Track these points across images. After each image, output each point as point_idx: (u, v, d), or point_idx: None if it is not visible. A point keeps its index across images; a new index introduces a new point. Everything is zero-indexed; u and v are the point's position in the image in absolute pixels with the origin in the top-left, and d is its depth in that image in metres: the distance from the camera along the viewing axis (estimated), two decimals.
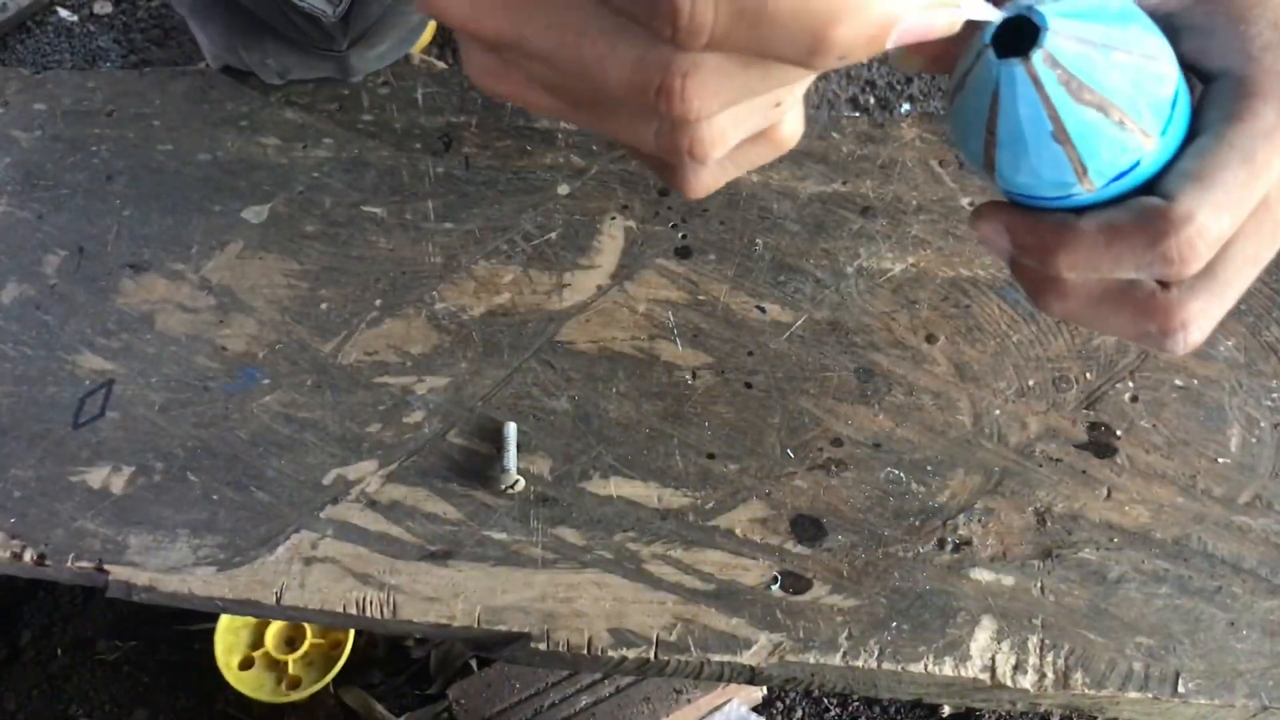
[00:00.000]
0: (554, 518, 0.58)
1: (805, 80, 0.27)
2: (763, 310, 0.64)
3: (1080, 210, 0.31)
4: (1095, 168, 0.29)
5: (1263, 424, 0.58)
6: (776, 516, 0.57)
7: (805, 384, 0.61)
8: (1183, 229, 0.29)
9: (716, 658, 0.53)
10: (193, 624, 0.92)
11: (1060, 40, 0.28)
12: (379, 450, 0.60)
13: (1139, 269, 0.30)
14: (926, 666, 0.52)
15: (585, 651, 0.54)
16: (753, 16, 0.21)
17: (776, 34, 0.22)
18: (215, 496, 0.59)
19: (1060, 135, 0.29)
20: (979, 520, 0.56)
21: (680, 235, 0.67)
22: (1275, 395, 0.59)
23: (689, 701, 0.81)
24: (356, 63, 0.73)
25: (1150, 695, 0.51)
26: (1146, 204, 0.30)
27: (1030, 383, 0.60)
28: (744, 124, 0.27)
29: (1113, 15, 0.29)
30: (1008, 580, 0.55)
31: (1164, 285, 0.32)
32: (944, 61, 0.31)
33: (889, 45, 0.23)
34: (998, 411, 0.60)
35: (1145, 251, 0.30)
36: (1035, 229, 0.32)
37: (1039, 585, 0.54)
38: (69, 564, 0.58)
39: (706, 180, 0.29)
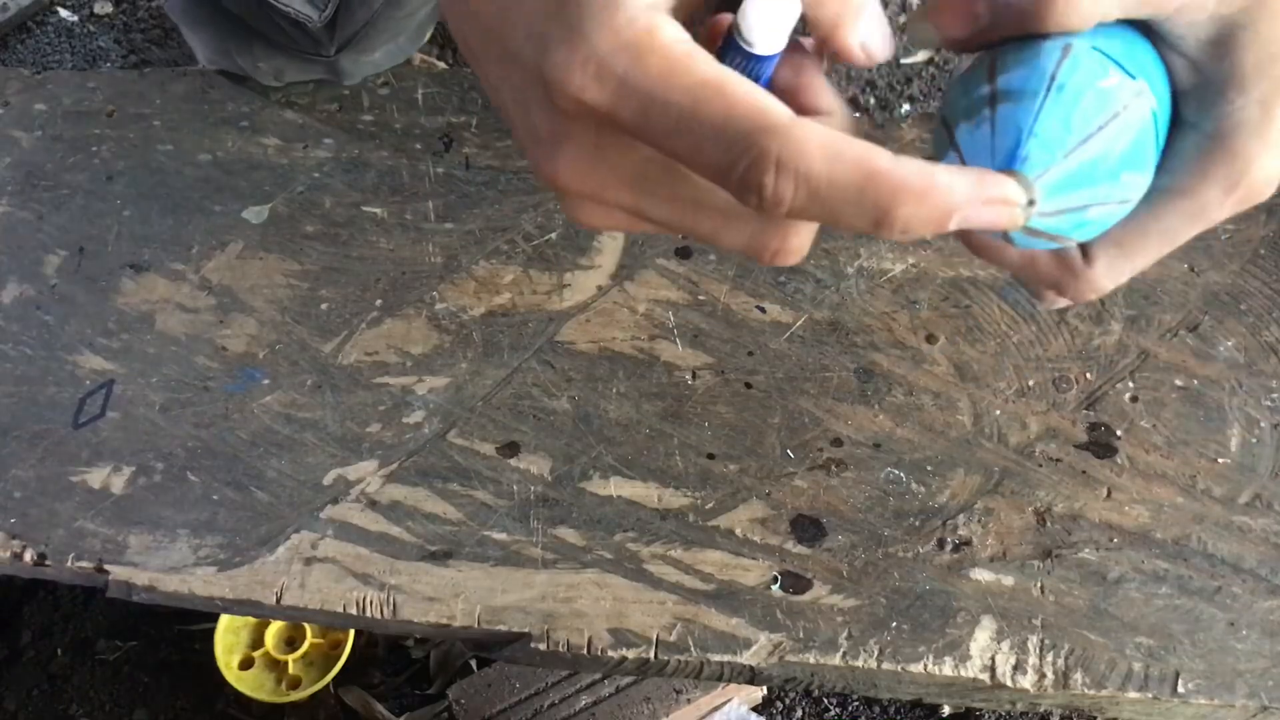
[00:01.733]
0: (554, 518, 0.58)
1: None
2: (763, 310, 0.64)
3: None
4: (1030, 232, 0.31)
5: (1263, 424, 0.58)
6: (776, 516, 0.57)
7: (805, 384, 0.61)
8: (1087, 288, 0.34)
9: (716, 658, 0.53)
10: (193, 624, 0.92)
11: (1041, 218, 0.29)
12: (379, 450, 0.60)
13: (1045, 286, 0.35)
14: (926, 666, 0.52)
15: (585, 651, 0.54)
16: (824, 196, 0.26)
17: (846, 211, 0.26)
18: (215, 496, 0.59)
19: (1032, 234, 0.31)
20: (979, 520, 0.56)
21: (680, 235, 0.67)
22: (1275, 395, 0.59)
23: (689, 701, 0.80)
24: (348, 67, 0.72)
25: (1150, 695, 0.51)
26: (1068, 256, 0.34)
27: (1030, 383, 0.60)
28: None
29: (1109, 170, 0.29)
30: (1008, 580, 0.55)
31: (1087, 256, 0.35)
32: (962, 43, 0.32)
33: (951, 228, 0.26)
34: (998, 411, 0.60)
35: (1053, 285, 0.35)
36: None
37: (1039, 585, 0.54)
38: (69, 564, 0.58)
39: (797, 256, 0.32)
